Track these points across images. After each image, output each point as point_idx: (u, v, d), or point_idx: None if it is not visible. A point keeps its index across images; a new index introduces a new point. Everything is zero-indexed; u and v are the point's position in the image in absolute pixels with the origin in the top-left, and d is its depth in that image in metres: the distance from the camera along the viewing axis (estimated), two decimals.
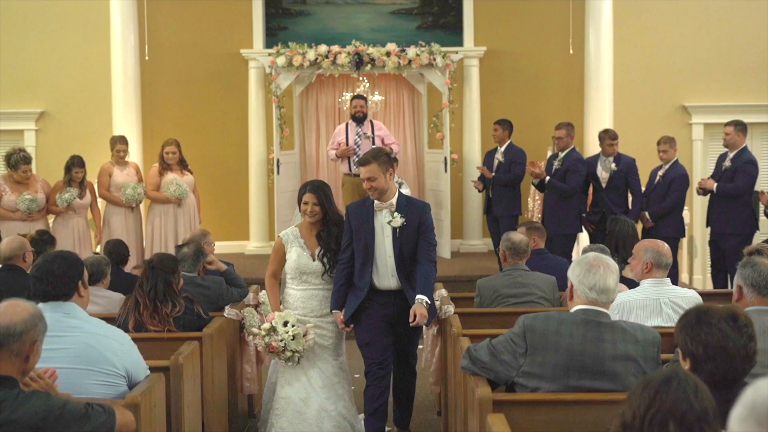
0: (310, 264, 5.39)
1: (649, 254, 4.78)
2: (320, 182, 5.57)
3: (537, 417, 3.39)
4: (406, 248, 5.21)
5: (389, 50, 10.29)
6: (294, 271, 5.41)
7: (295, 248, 5.41)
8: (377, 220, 5.25)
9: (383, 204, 5.24)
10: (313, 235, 5.44)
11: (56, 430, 2.84)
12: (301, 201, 5.40)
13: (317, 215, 5.37)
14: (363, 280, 5.24)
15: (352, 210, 5.39)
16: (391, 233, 5.20)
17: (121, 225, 8.90)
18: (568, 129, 8.97)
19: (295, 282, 5.45)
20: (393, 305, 5.26)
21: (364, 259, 5.23)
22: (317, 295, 5.42)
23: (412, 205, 5.33)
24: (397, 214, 5.20)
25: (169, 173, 9.16)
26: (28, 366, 2.95)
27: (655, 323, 4.57)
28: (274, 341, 5.12)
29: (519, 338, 3.53)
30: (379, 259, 5.23)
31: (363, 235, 5.24)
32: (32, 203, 8.47)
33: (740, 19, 10.96)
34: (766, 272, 3.59)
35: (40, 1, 10.91)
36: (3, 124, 10.97)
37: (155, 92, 11.05)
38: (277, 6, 11.35)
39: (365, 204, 5.34)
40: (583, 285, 3.46)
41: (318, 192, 5.38)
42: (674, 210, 8.91)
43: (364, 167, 5.20)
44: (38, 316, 2.98)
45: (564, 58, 10.86)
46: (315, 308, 5.41)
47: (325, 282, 5.41)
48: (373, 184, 5.17)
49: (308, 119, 11.36)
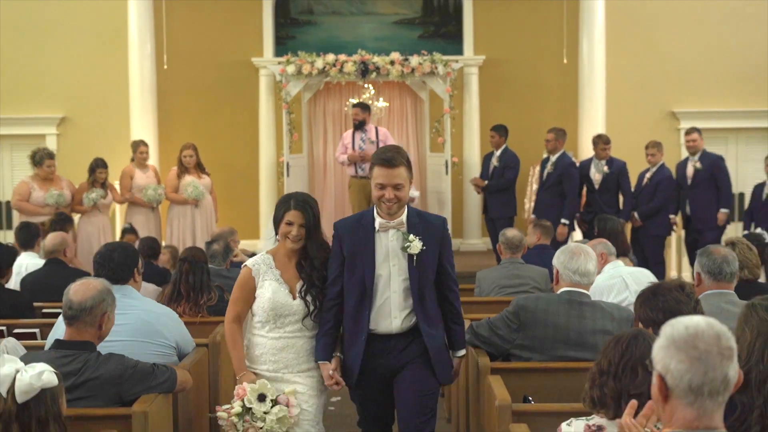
0: (289, 303, 4.01)
1: (601, 246, 5.52)
2: (306, 196, 4.18)
3: (529, 382, 3.99)
4: (425, 279, 3.98)
5: (393, 59, 10.86)
6: (266, 312, 4.01)
7: (269, 282, 4.04)
8: (380, 244, 3.96)
9: (390, 222, 3.95)
10: (292, 264, 4.10)
11: (130, 385, 3.45)
12: (282, 221, 4.05)
13: (301, 241, 4.05)
14: (360, 323, 3.97)
15: (344, 229, 4.06)
16: (404, 263, 3.94)
17: (143, 224, 9.46)
18: (557, 133, 9.59)
19: (267, 327, 4.04)
20: (394, 354, 4.00)
21: (359, 297, 3.96)
22: (295, 346, 4.04)
23: (427, 222, 4.05)
24: (414, 237, 3.91)
25: (187, 176, 9.73)
26: (102, 332, 3.56)
27: (624, 296, 5.20)
28: (253, 429, 3.83)
29: (513, 316, 4.13)
30: (380, 296, 3.96)
31: (359, 266, 3.95)
32: (60, 197, 9.06)
33: (727, 30, 11.49)
34: (719, 260, 4.17)
35: (62, 13, 11.45)
36: (26, 128, 11.56)
37: (171, 99, 11.60)
38: (285, 16, 11.93)
39: (361, 221, 4.04)
40: (567, 270, 4.06)
41: (306, 209, 4.04)
42: (661, 210, 9.53)
43: (391, 169, 3.89)
44: (106, 291, 3.58)
45: (559, 66, 11.41)
46: (291, 362, 4.03)
47: (306, 328, 4.06)
48: (398, 194, 3.90)
49: (316, 124, 11.93)
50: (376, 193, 3.93)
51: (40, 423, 2.82)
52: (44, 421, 2.82)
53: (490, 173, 10.05)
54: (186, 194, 9.65)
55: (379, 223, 3.96)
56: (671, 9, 11.52)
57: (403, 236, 3.93)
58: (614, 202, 9.72)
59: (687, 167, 9.59)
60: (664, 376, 2.05)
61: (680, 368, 2.02)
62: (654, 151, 9.57)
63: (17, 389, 2.79)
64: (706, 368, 2.00)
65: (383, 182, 3.90)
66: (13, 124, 11.50)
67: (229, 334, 4.06)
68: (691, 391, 2.01)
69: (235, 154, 11.74)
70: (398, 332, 3.97)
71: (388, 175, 3.89)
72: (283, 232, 4.05)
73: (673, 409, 2.05)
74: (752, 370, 2.82)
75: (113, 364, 3.47)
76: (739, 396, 2.80)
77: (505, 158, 10.00)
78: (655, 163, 9.56)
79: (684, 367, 2.02)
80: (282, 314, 4.02)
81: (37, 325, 5.45)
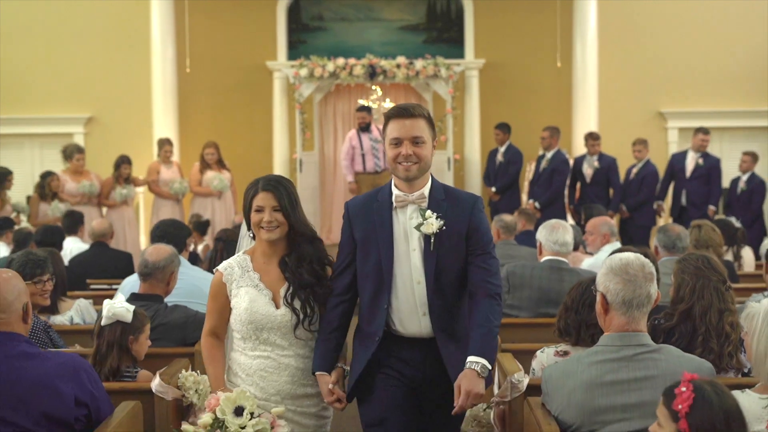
0: (271, 314, 3.31)
1: (606, 227, 6.22)
2: (279, 177, 3.47)
3: (517, 335, 4.77)
4: (446, 270, 3.23)
5: (399, 63, 11.63)
6: (245, 326, 3.32)
7: (245, 289, 3.34)
8: (398, 223, 3.28)
9: (409, 195, 3.26)
10: (274, 263, 3.39)
11: (191, 329, 4.26)
12: (251, 207, 3.35)
13: (279, 229, 3.34)
14: (374, 322, 3.28)
15: (355, 208, 3.38)
16: (422, 244, 3.23)
17: (169, 215, 10.23)
18: (551, 131, 10.39)
19: (249, 344, 3.35)
20: (423, 364, 3.27)
21: (376, 288, 3.26)
22: (288, 367, 3.32)
23: (456, 198, 3.31)
24: (431, 213, 3.21)
25: (209, 171, 10.53)
26: (168, 288, 4.35)
27: None
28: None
29: (504, 281, 4.91)
30: (402, 287, 3.25)
31: (374, 248, 3.27)
32: (91, 187, 9.91)
33: (711, 36, 12.21)
34: (674, 237, 5.04)
35: (88, 20, 12.19)
36: (55, 127, 12.34)
37: (191, 100, 12.35)
38: (297, 21, 12.70)
39: (377, 198, 3.35)
40: (548, 241, 4.86)
41: (278, 189, 3.35)
42: (646, 202, 10.32)
43: (408, 119, 3.22)
44: (174, 255, 4.38)
45: (554, 69, 12.15)
46: (284, 388, 3.32)
47: (300, 343, 3.34)
48: (418, 151, 3.21)
49: (326, 123, 12.71)
50: (391, 153, 3.24)
51: (109, 346, 3.68)
52: (111, 345, 3.68)
53: (496, 168, 10.83)
54: (212, 186, 10.44)
55: (396, 197, 3.25)
56: (659, 16, 12.25)
57: (420, 213, 3.22)
58: (604, 194, 10.50)
59: (687, 160, 10.34)
60: (605, 295, 2.84)
61: (616, 288, 2.81)
62: (640, 148, 10.36)
63: (104, 313, 3.68)
64: (635, 287, 2.80)
65: (399, 135, 3.21)
66: (43, 124, 12.30)
67: (206, 348, 3.39)
68: (624, 304, 2.81)
69: (251, 151, 12.43)
70: (429, 336, 3.22)
71: (404, 127, 3.21)
72: (255, 222, 3.33)
73: (611, 318, 2.85)
74: (695, 305, 3.61)
75: (179, 313, 4.28)
76: (684, 325, 3.59)
77: (510, 154, 10.78)
78: (641, 159, 10.36)
79: (619, 287, 2.81)
80: (263, 327, 3.28)
81: (89, 297, 6.22)
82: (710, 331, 3.52)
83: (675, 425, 2.23)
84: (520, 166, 10.80)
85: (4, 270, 3.04)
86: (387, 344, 3.25)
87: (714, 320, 3.52)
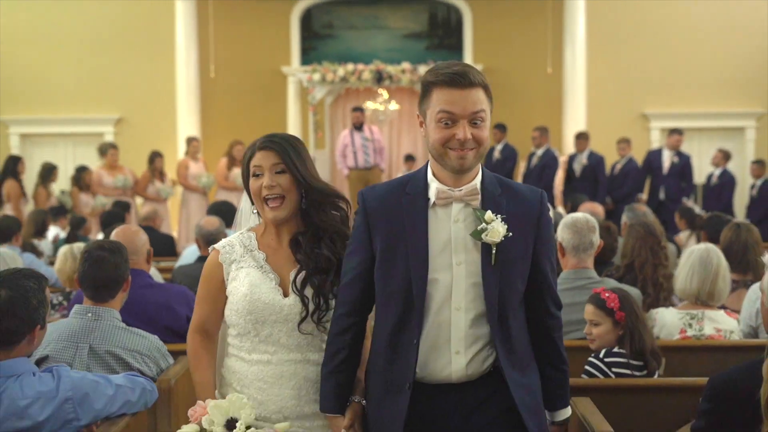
0: (277, 302, 2.63)
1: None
2: (283, 134, 2.74)
3: None
4: (509, 296, 2.43)
5: (404, 68, 12.68)
6: (243, 317, 2.65)
7: (246, 270, 2.66)
8: (437, 227, 2.44)
9: (455, 190, 2.44)
10: (283, 244, 2.71)
11: None
12: (250, 172, 2.67)
13: (286, 201, 2.65)
14: (399, 361, 2.46)
15: (376, 201, 2.50)
16: (477, 259, 2.41)
17: (197, 206, 11.31)
18: (541, 131, 11.45)
19: (246, 344, 2.68)
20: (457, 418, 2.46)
21: (401, 314, 2.45)
22: (293, 376, 2.64)
23: (516, 193, 2.52)
24: (492, 215, 2.40)
25: (235, 168, 11.56)
26: None
27: None
28: None
29: None
30: (436, 316, 2.43)
31: (402, 260, 2.43)
32: (126, 180, 10.94)
33: (691, 43, 13.15)
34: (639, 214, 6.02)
35: (118, 28, 13.14)
36: (87, 127, 13.36)
37: (213, 102, 13.36)
38: (309, 29, 13.73)
39: (406, 190, 2.49)
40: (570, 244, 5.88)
41: (281, 145, 2.65)
42: (630, 195, 11.37)
43: (465, 90, 2.37)
44: (223, 225, 5.41)
45: (545, 75, 13.13)
46: (287, 404, 2.64)
47: (311, 342, 2.66)
48: (476, 133, 2.41)
49: (336, 124, 13.73)
50: (438, 134, 2.39)
51: None
52: None
53: (493, 164, 11.88)
54: (238, 182, 11.41)
55: (437, 191, 2.44)
56: (643, 26, 13.18)
57: (475, 214, 2.42)
58: (592, 189, 11.50)
59: (663, 158, 11.38)
60: (562, 242, 3.92)
61: (568, 237, 3.89)
62: (624, 146, 11.44)
63: None
64: (581, 236, 3.87)
65: (453, 110, 2.38)
66: (76, 124, 13.32)
67: (192, 348, 2.73)
68: (574, 248, 3.88)
69: None
70: (463, 380, 2.44)
71: (462, 99, 2.38)
72: (255, 191, 2.64)
73: (567, 260, 3.92)
74: (635, 260, 4.67)
75: None
76: (629, 276, 4.67)
77: (506, 152, 11.83)
78: (624, 156, 11.43)
79: (570, 236, 3.89)
80: (265, 320, 2.61)
81: None
82: (647, 280, 4.57)
83: (611, 318, 3.34)
84: (515, 162, 11.86)
85: (129, 225, 4.12)
86: (416, 395, 2.41)
87: (649, 272, 4.57)
